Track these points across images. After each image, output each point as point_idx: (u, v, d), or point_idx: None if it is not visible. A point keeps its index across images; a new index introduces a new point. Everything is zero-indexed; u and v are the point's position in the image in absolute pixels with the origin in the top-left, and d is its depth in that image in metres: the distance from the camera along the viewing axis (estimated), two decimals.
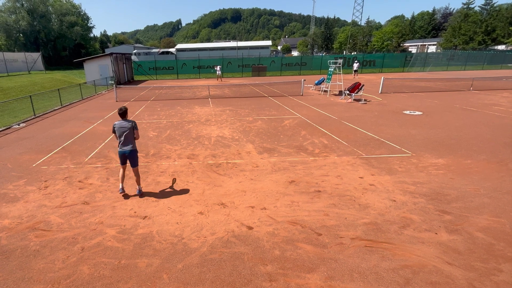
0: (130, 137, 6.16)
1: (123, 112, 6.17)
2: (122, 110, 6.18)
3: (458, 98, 17.84)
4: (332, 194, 6.32)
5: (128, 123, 6.14)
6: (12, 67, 34.50)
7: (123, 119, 6.19)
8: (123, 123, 6.13)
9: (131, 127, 6.12)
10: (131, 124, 6.14)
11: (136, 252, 4.64)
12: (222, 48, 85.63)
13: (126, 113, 6.22)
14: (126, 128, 6.09)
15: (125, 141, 6.14)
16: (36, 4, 61.22)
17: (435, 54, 50.68)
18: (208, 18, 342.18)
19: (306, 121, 13.01)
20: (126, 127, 6.09)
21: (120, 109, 6.18)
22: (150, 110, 16.84)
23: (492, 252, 4.38)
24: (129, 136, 6.15)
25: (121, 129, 6.09)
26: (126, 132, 6.08)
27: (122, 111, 6.17)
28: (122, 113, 6.15)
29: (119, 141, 6.18)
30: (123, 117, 6.18)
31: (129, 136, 6.14)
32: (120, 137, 6.13)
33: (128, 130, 6.09)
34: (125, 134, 6.09)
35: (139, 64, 42.76)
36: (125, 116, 6.21)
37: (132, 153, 6.22)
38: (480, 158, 8.12)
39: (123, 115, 6.17)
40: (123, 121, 6.16)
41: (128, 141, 6.15)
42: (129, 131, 6.11)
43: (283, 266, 4.23)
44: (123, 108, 6.20)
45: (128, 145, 6.17)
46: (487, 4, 64.02)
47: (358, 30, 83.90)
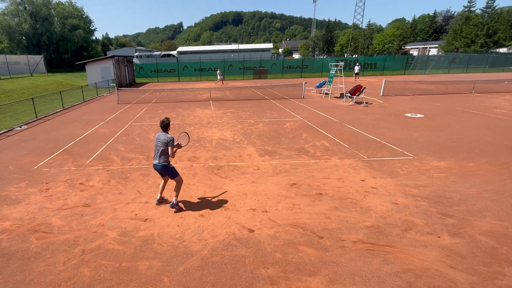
0: (163, 152, 5.70)
1: (165, 125, 5.74)
2: (163, 122, 5.73)
3: (460, 101, 17.80)
4: (334, 197, 6.30)
5: (165, 138, 5.68)
6: (14, 70, 34.67)
7: (163, 131, 5.79)
8: (160, 136, 5.73)
9: (165, 142, 5.65)
10: (166, 140, 5.65)
11: (137, 254, 4.62)
12: (223, 50, 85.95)
13: (167, 126, 5.78)
14: (161, 142, 5.68)
15: (156, 154, 5.76)
16: (39, 7, 61.53)
17: (436, 57, 50.67)
18: (210, 21, 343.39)
19: (307, 124, 12.99)
20: (160, 141, 5.69)
21: (162, 121, 5.74)
22: (151, 112, 16.87)
23: (495, 256, 4.34)
24: (162, 150, 5.70)
25: (157, 141, 5.74)
26: (159, 146, 5.70)
27: (164, 124, 5.73)
28: (163, 126, 5.73)
29: (154, 153, 5.86)
30: (164, 130, 5.77)
31: (162, 150, 5.70)
32: (155, 149, 5.81)
33: (161, 144, 5.68)
34: (158, 148, 5.72)
35: (141, 66, 42.90)
36: (166, 128, 5.77)
37: (163, 168, 5.76)
38: (482, 161, 8.09)
39: (164, 128, 5.75)
40: (161, 134, 5.76)
41: (159, 155, 5.71)
42: (163, 145, 5.68)
43: (284, 269, 4.20)
44: (165, 121, 5.74)
45: (159, 159, 5.73)
46: (488, 7, 64.04)
47: (359, 33, 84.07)
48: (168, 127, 5.82)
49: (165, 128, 5.78)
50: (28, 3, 61.30)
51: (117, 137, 11.63)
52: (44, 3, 62.58)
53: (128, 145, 10.46)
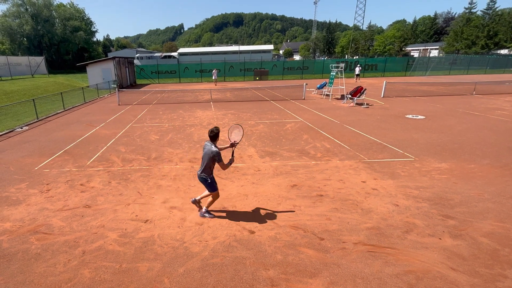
0: (206, 164, 5.27)
1: (214, 135, 5.24)
2: (212, 132, 5.23)
3: (461, 102, 17.78)
4: (335, 198, 6.29)
5: (208, 150, 5.21)
6: (15, 71, 34.74)
7: (212, 141, 5.28)
8: (206, 146, 5.29)
9: (211, 155, 5.15)
10: (213, 154, 5.13)
11: (137, 256, 4.61)
12: (224, 52, 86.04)
13: (216, 136, 5.25)
14: (206, 154, 5.25)
15: (202, 164, 5.36)
16: (40, 9, 61.73)
17: (437, 58, 50.66)
18: (210, 23, 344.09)
19: (308, 125, 12.99)
20: (206, 153, 5.25)
21: (211, 130, 5.24)
22: (152, 113, 16.88)
23: (497, 258, 4.32)
24: (206, 163, 5.27)
25: (204, 151, 5.33)
26: (204, 158, 5.29)
27: (213, 134, 5.24)
28: (212, 135, 5.23)
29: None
30: (213, 140, 5.26)
31: (205, 163, 5.28)
32: (202, 158, 5.39)
33: (206, 157, 5.25)
34: (204, 159, 5.31)
35: (142, 68, 43.00)
36: (214, 139, 5.26)
37: (203, 180, 5.40)
38: (483, 162, 8.07)
39: (212, 138, 5.25)
40: (208, 143, 5.29)
41: (203, 167, 5.31)
42: (207, 159, 5.23)
43: (285, 271, 4.19)
44: (214, 130, 5.24)
45: (201, 171, 5.35)
46: (489, 9, 64.05)
47: (360, 35, 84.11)
48: (217, 138, 5.29)
49: (213, 139, 5.24)
50: (30, 4, 61.51)
51: (117, 138, 11.64)
52: (46, 5, 62.79)
53: (128, 146, 10.46)
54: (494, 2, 63.11)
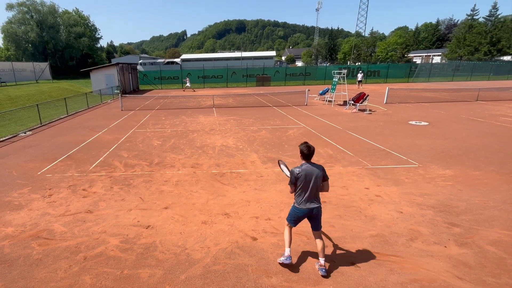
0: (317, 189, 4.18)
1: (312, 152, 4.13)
2: (310, 149, 4.10)
3: (465, 109, 17.72)
4: (338, 205, 6.23)
5: (321, 168, 4.16)
6: (20, 76, 35.09)
7: (309, 161, 4.15)
8: (307, 168, 4.09)
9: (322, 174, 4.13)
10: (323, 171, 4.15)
11: (139, 262, 4.57)
12: (226, 58, 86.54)
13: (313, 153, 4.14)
14: (315, 176, 4.07)
15: (311, 192, 4.12)
16: (45, 15, 62.55)
17: (440, 65, 50.68)
18: (213, 29, 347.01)
19: (310, 131, 12.96)
20: (316, 174, 4.08)
21: (309, 147, 4.11)
22: (154, 119, 16.93)
23: (504, 267, 4.24)
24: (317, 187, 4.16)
25: (306, 175, 4.07)
26: (313, 181, 4.08)
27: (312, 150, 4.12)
28: (311, 153, 4.11)
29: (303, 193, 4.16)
30: (309, 159, 4.15)
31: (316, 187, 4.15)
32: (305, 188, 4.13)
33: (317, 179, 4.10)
34: (312, 184, 4.09)
35: (145, 74, 43.31)
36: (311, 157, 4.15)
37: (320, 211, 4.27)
38: (488, 169, 7.99)
39: (309, 156, 4.13)
40: (307, 164, 4.12)
41: (313, 192, 4.16)
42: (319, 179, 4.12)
43: (288, 279, 4.13)
44: (312, 148, 4.13)
45: (315, 199, 4.20)
46: (491, 15, 64.21)
47: (362, 41, 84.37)
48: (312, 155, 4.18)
49: (310, 157, 4.16)
50: (35, 11, 62.39)
51: (120, 143, 11.66)
52: (51, 12, 63.66)
53: (131, 152, 10.46)
54: (496, 9, 63.31)
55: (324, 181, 4.17)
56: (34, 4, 62.47)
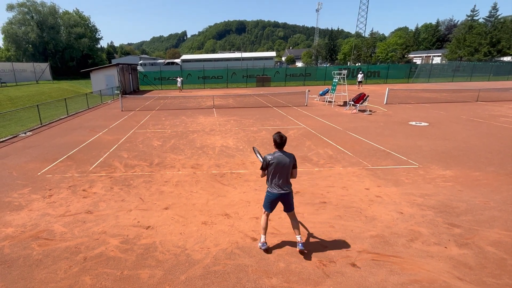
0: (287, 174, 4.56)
1: (284, 141, 4.49)
2: (282, 138, 4.46)
3: (465, 109, 17.72)
4: (338, 206, 6.22)
5: (290, 158, 4.51)
6: (20, 77, 35.12)
7: (281, 150, 4.52)
8: (279, 157, 4.46)
9: (293, 162, 4.52)
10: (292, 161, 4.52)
11: (139, 262, 4.56)
12: (226, 59, 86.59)
13: (285, 143, 4.52)
14: (285, 163, 4.46)
15: (280, 177, 4.50)
16: (46, 16, 62.64)
17: (440, 65, 50.70)
18: (213, 30, 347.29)
19: (310, 132, 12.96)
20: (285, 162, 4.45)
21: (282, 136, 4.47)
22: (155, 119, 16.93)
23: (505, 268, 4.24)
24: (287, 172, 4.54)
25: (276, 163, 4.44)
26: (283, 168, 4.47)
27: (284, 140, 4.48)
28: (283, 142, 4.47)
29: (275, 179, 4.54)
30: (281, 147, 4.51)
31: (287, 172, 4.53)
32: (277, 174, 4.50)
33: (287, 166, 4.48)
34: (282, 170, 4.48)
35: (145, 74, 43.34)
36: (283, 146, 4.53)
37: (290, 195, 4.68)
38: (489, 170, 7.98)
39: (281, 146, 4.49)
40: (279, 153, 4.49)
41: (284, 178, 4.54)
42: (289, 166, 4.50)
43: (288, 279, 4.12)
44: (284, 137, 4.48)
45: (286, 184, 4.59)
46: (491, 16, 64.31)
47: (362, 42, 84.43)
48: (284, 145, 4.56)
49: (282, 146, 4.53)
50: (35, 12, 62.48)
51: (120, 144, 11.66)
52: (51, 12, 63.75)
53: (131, 152, 10.46)
54: (496, 9, 63.40)
55: (294, 168, 4.54)
56: (35, 4, 62.58)
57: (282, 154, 4.46)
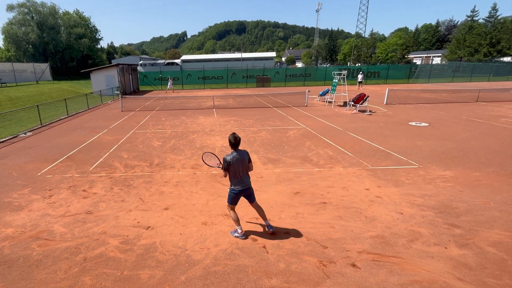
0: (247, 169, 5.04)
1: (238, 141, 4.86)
2: (236, 139, 4.81)
3: (465, 110, 17.72)
4: (338, 206, 6.22)
5: (245, 155, 4.94)
6: (20, 77, 35.12)
7: (237, 149, 4.88)
8: (238, 154, 4.83)
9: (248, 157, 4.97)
10: (247, 156, 4.97)
11: (139, 263, 4.56)
12: (226, 59, 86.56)
13: (239, 143, 4.89)
14: (243, 160, 4.90)
15: (243, 173, 4.96)
16: (46, 16, 62.73)
17: (440, 66, 50.73)
18: (213, 30, 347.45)
19: (310, 132, 12.96)
20: (243, 159, 4.90)
21: (236, 137, 4.81)
22: (155, 120, 16.93)
23: (505, 268, 4.23)
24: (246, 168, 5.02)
25: (236, 161, 4.81)
26: (243, 164, 4.91)
27: (238, 140, 4.84)
28: (237, 142, 4.84)
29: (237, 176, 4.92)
30: (236, 147, 4.87)
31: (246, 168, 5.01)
32: (238, 171, 4.89)
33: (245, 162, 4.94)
34: (242, 166, 4.90)
35: (145, 74, 43.37)
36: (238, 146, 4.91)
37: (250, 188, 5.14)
38: (489, 170, 7.98)
39: (237, 145, 4.87)
40: (236, 152, 4.86)
41: (245, 173, 5.02)
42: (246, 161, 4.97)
43: (288, 280, 4.12)
44: (238, 138, 4.83)
45: (247, 178, 5.07)
46: (491, 17, 64.33)
47: (362, 42, 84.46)
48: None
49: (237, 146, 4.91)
50: (36, 12, 62.57)
51: (120, 144, 11.66)
52: (51, 13, 63.83)
53: (131, 152, 10.46)
54: (496, 10, 63.44)
55: (249, 162, 5.01)
56: (35, 5, 62.67)
57: (238, 152, 4.84)
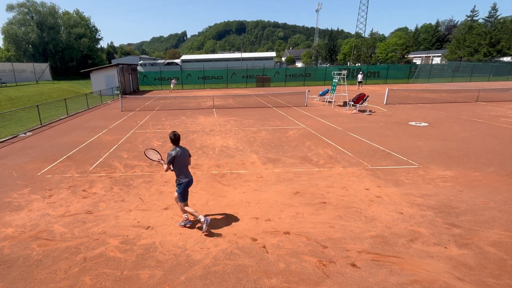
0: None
1: (178, 138, 5.30)
2: (176, 135, 5.24)
3: (465, 110, 17.72)
4: (338, 206, 6.22)
5: (186, 150, 5.43)
6: (20, 77, 35.12)
7: (178, 145, 5.31)
8: (180, 150, 5.26)
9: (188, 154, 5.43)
10: (188, 151, 5.45)
11: (139, 263, 4.56)
12: (226, 59, 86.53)
13: (179, 139, 5.35)
14: (185, 156, 5.35)
15: (186, 168, 5.41)
16: (46, 16, 62.64)
17: (440, 66, 50.73)
18: (213, 30, 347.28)
19: (310, 132, 12.96)
20: (185, 155, 5.35)
21: (176, 134, 5.25)
22: (155, 119, 16.93)
23: (505, 268, 4.24)
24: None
25: (180, 156, 5.22)
26: (184, 159, 5.34)
27: (178, 136, 5.28)
28: (177, 139, 5.27)
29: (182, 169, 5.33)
30: (177, 143, 5.31)
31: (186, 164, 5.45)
32: (182, 165, 5.30)
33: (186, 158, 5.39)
34: (184, 161, 5.34)
35: (145, 74, 43.37)
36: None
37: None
38: (489, 170, 7.99)
39: (177, 142, 5.30)
40: (178, 148, 5.29)
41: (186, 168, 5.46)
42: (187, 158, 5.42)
43: (288, 280, 4.12)
44: (177, 134, 5.28)
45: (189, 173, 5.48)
46: (491, 17, 64.32)
47: (362, 42, 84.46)
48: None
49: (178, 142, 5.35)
50: (35, 12, 62.49)
51: (120, 144, 11.66)
52: (51, 13, 63.76)
53: (131, 152, 10.46)
54: (496, 10, 63.44)
55: (189, 157, 5.49)
56: (34, 5, 62.58)
57: (180, 148, 5.28)
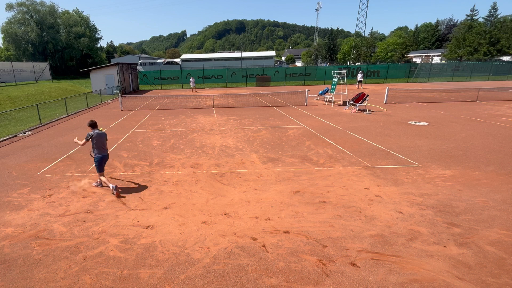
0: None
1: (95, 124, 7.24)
2: (92, 121, 7.27)
3: (464, 109, 17.73)
4: (337, 205, 6.23)
5: (104, 133, 7.30)
6: (20, 77, 35.11)
7: (96, 128, 7.19)
8: (99, 132, 7.15)
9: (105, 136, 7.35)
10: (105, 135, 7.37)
11: (139, 262, 4.57)
12: (226, 58, 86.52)
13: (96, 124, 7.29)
14: (104, 137, 7.29)
15: (105, 146, 7.31)
16: (45, 16, 62.53)
17: (439, 65, 50.71)
18: (213, 29, 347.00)
19: (310, 131, 12.97)
20: (104, 136, 7.29)
21: (93, 121, 7.26)
22: (154, 119, 16.93)
23: (504, 267, 4.25)
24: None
25: (100, 137, 7.14)
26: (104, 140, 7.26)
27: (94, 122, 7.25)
28: (94, 123, 7.23)
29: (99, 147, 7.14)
30: (96, 127, 7.21)
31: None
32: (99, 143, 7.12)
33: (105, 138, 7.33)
34: (104, 141, 7.26)
35: (145, 74, 43.34)
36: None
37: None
38: (488, 169, 8.00)
39: (95, 126, 7.20)
40: (97, 130, 7.18)
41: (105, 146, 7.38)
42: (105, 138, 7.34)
43: (287, 279, 4.13)
44: (94, 121, 7.29)
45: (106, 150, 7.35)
46: (490, 16, 64.31)
47: (361, 41, 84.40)
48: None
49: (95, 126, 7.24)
50: (35, 11, 62.36)
51: (120, 143, 11.66)
52: (51, 12, 63.64)
53: (131, 152, 10.46)
54: (496, 9, 63.42)
55: (107, 140, 7.41)
56: (34, 4, 62.44)
57: (98, 130, 7.12)
